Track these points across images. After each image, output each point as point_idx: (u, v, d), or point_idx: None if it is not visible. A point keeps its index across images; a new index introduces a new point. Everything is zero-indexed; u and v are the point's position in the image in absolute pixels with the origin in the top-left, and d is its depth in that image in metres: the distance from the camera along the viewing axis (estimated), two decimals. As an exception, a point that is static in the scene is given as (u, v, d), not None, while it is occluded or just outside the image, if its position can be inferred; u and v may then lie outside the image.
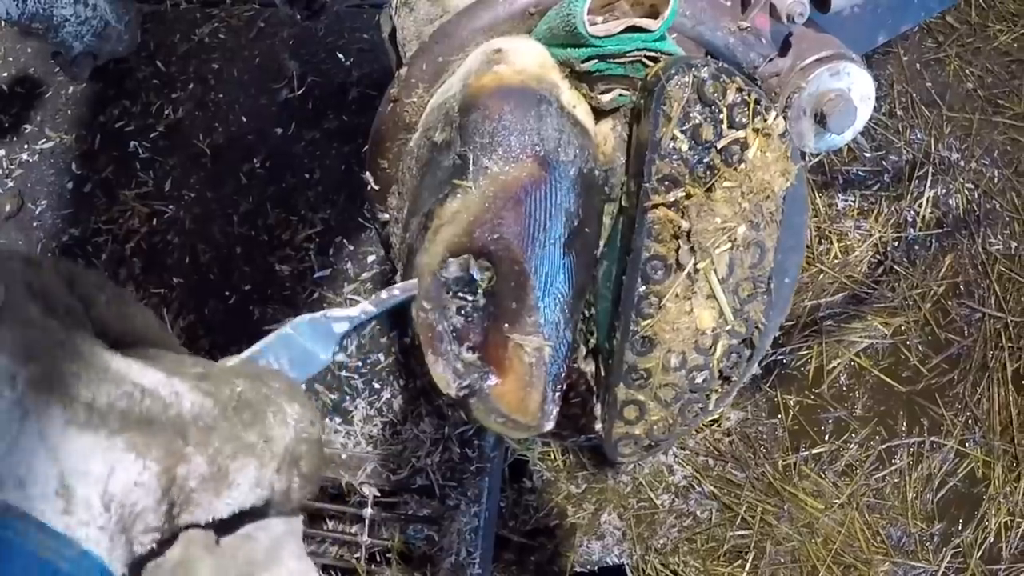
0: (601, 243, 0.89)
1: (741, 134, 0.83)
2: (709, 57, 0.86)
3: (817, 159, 2.44)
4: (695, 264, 0.84)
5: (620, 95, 0.88)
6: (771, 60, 0.96)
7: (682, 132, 0.82)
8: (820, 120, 0.95)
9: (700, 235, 0.83)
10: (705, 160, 0.83)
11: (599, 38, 0.84)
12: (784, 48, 0.96)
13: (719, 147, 0.83)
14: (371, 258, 2.03)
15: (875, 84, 0.97)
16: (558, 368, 0.85)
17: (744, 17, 0.96)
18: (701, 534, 2.17)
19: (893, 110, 2.60)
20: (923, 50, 2.69)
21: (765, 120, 0.83)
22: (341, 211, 2.08)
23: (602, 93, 0.88)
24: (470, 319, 0.83)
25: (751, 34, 0.96)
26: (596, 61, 0.86)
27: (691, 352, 0.87)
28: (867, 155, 2.52)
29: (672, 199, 0.83)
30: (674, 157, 0.83)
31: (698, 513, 2.18)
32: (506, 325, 0.83)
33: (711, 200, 0.83)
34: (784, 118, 0.97)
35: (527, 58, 0.87)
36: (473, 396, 0.84)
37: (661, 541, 2.16)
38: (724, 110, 0.83)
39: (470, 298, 0.83)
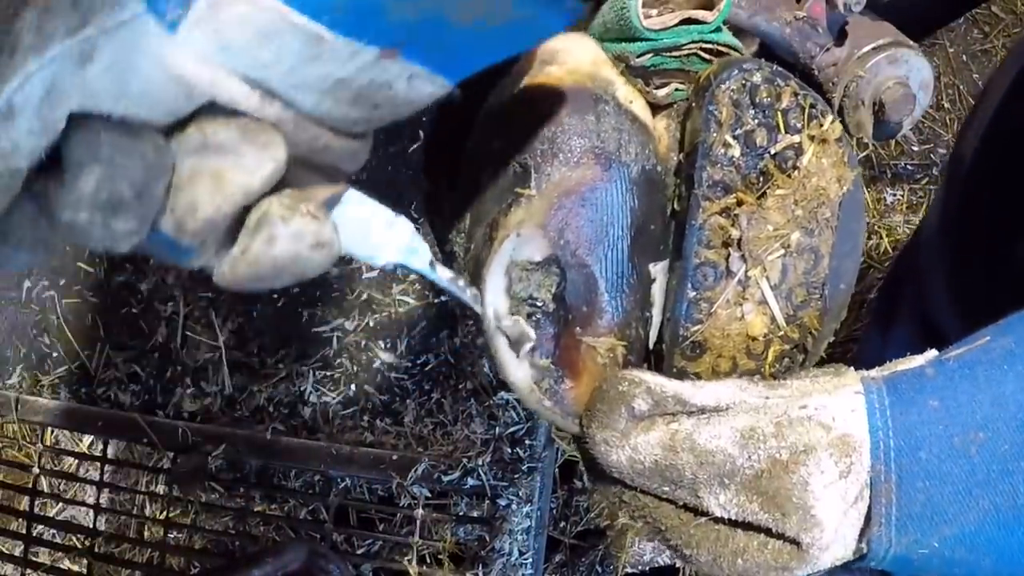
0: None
1: (796, 139, 0.81)
2: (763, 59, 0.85)
3: (865, 153, 2.42)
4: (746, 271, 0.83)
5: (676, 89, 0.87)
6: (828, 49, 0.95)
7: (734, 138, 0.81)
8: (879, 109, 0.93)
9: (752, 243, 0.82)
10: (758, 166, 0.82)
11: (654, 31, 0.84)
12: (841, 37, 0.95)
13: (773, 153, 0.82)
14: (419, 259, 2.02)
15: (934, 71, 0.96)
16: (632, 365, 0.85)
17: (800, 6, 0.95)
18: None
19: (940, 103, 2.57)
20: (969, 41, 2.66)
21: (821, 125, 0.82)
22: (389, 212, 2.08)
23: (658, 88, 0.87)
24: (541, 325, 0.82)
25: (807, 23, 0.95)
26: (651, 55, 0.85)
27: (742, 357, 0.86)
28: (915, 149, 2.49)
29: (723, 206, 0.82)
30: (725, 163, 0.81)
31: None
32: (578, 328, 0.82)
33: (763, 207, 0.82)
34: (841, 117, 0.96)
35: (579, 56, 0.87)
36: (550, 400, 0.83)
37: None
38: (778, 115, 0.81)
39: (540, 304, 0.82)
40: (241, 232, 0.62)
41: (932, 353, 0.76)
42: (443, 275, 0.74)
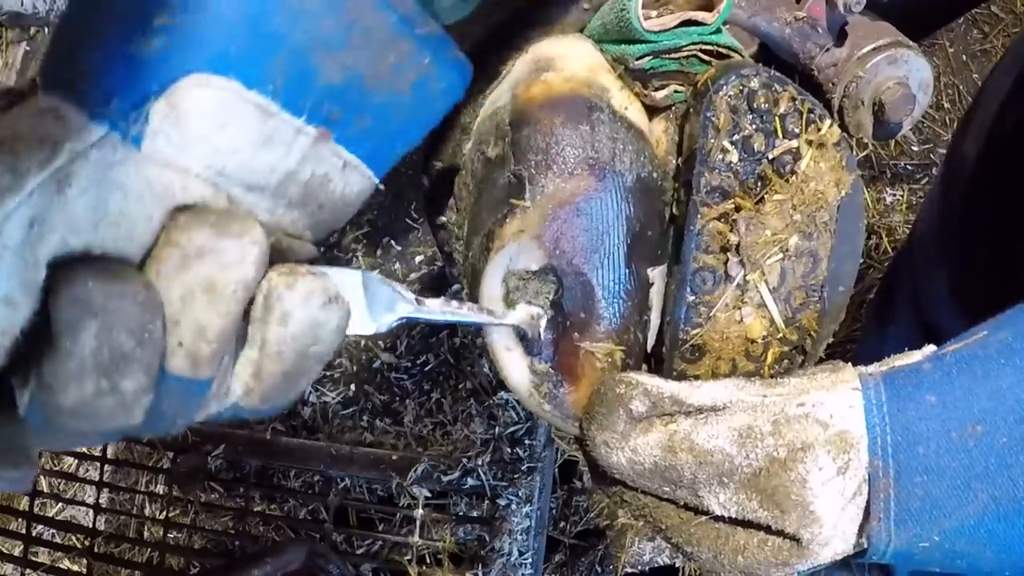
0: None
1: (793, 144, 0.81)
2: (760, 63, 0.84)
3: (865, 153, 2.42)
4: (745, 275, 0.83)
5: (675, 91, 0.87)
6: (828, 50, 0.95)
7: (732, 143, 0.81)
8: (879, 109, 0.93)
9: (750, 248, 0.82)
10: (756, 171, 0.82)
11: (654, 33, 0.83)
12: (841, 37, 0.95)
13: (771, 158, 0.81)
14: (419, 258, 2.03)
15: (934, 71, 0.96)
16: (630, 369, 0.85)
17: (800, 7, 0.95)
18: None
19: (940, 103, 2.57)
20: (969, 41, 2.66)
21: (819, 130, 0.81)
22: (388, 212, 2.08)
23: (656, 90, 0.87)
24: (540, 331, 0.83)
25: (807, 24, 0.95)
26: (651, 57, 0.85)
27: (741, 359, 0.86)
28: (915, 148, 2.50)
29: (721, 212, 0.82)
30: (723, 169, 0.81)
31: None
32: (576, 334, 0.83)
33: (761, 213, 0.82)
34: (841, 118, 0.96)
35: (575, 62, 0.87)
36: (550, 404, 0.83)
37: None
38: (776, 120, 0.81)
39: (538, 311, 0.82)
40: (250, 329, 0.62)
41: (930, 349, 0.76)
42: (433, 308, 0.75)
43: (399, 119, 0.70)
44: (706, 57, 0.85)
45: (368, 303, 0.69)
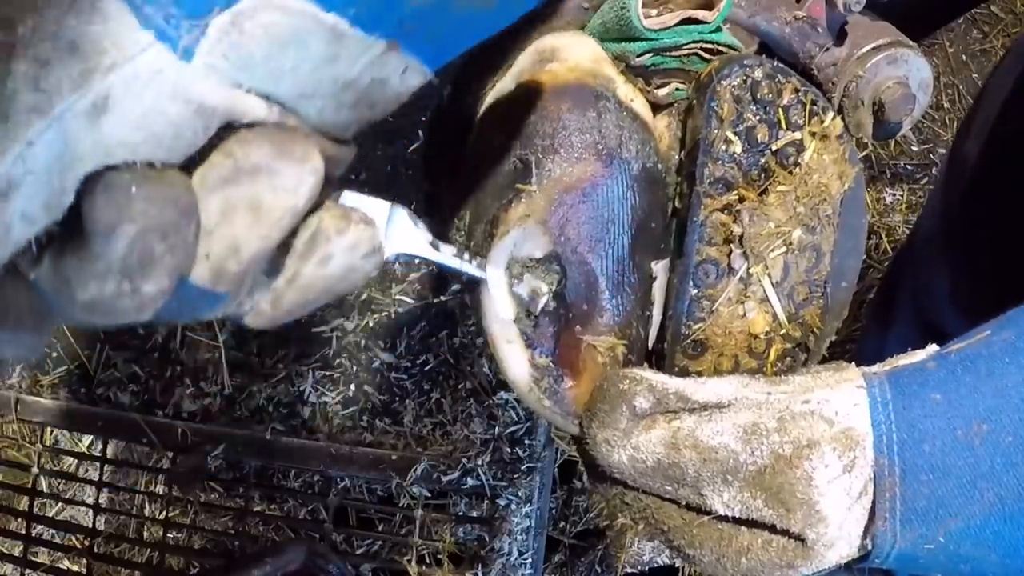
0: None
1: (797, 136, 0.81)
2: (764, 55, 0.85)
3: (864, 153, 2.42)
4: (748, 268, 0.83)
5: (677, 89, 0.87)
6: (827, 49, 0.95)
7: (735, 134, 0.81)
8: (879, 109, 0.93)
9: (753, 240, 0.82)
10: (759, 162, 0.82)
11: (654, 31, 0.83)
12: (840, 37, 0.95)
13: (774, 149, 0.82)
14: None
15: (933, 71, 0.96)
16: (632, 364, 0.85)
17: (799, 6, 0.95)
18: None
19: (940, 103, 2.57)
20: (969, 41, 2.66)
21: (822, 121, 0.82)
22: (388, 212, 2.07)
23: (658, 87, 0.87)
24: (541, 323, 0.82)
25: (807, 23, 0.95)
26: (651, 55, 0.85)
27: (744, 356, 0.86)
28: (914, 148, 2.50)
29: (724, 203, 0.82)
30: (727, 160, 0.81)
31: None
32: (578, 327, 0.82)
33: (765, 204, 0.82)
34: (841, 117, 0.96)
35: (579, 53, 0.87)
36: (549, 400, 0.83)
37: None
38: (779, 111, 0.81)
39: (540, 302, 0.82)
40: (286, 260, 0.58)
41: (933, 348, 0.76)
42: (446, 253, 0.74)
43: (474, 27, 0.64)
44: (707, 56, 0.85)
45: (387, 232, 0.68)
